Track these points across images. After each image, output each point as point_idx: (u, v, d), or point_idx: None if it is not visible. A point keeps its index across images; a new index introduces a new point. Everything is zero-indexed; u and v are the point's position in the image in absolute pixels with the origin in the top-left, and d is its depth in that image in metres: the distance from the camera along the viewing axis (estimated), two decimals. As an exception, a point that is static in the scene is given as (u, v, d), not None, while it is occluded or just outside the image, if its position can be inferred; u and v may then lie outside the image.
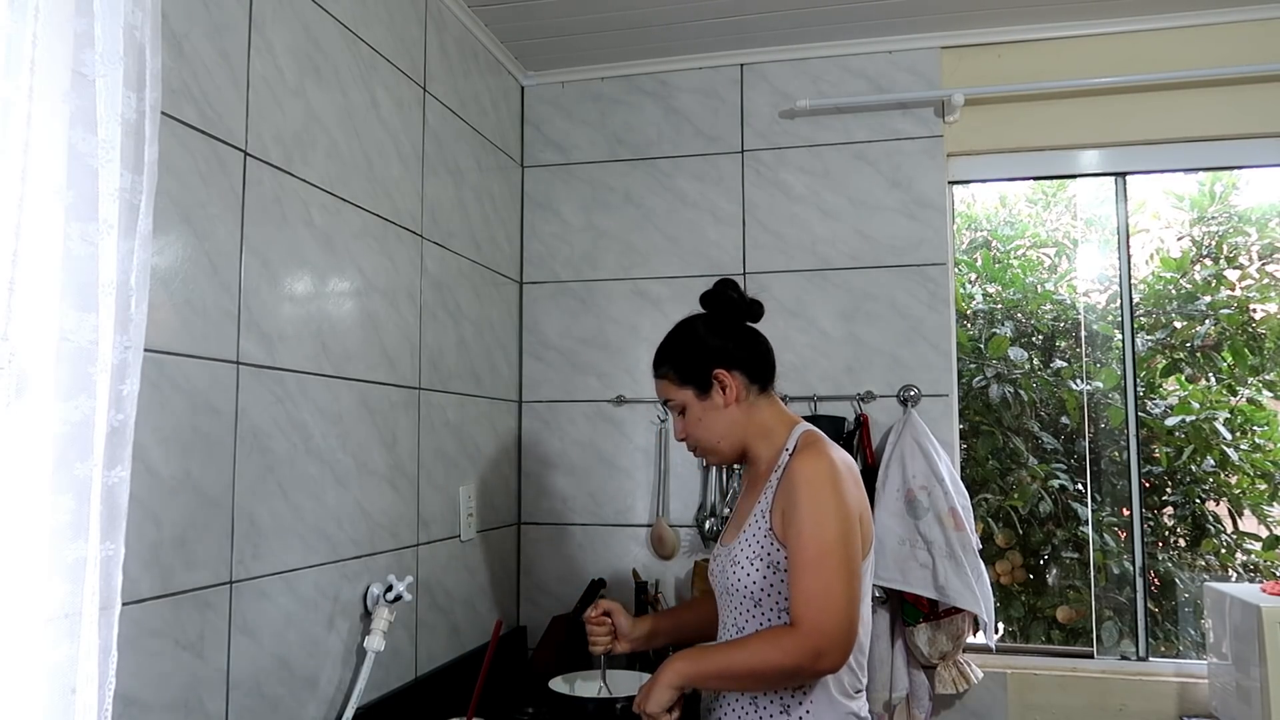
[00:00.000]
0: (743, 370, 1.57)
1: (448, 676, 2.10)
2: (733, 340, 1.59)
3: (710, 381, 1.56)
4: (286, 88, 1.63)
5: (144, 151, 0.96)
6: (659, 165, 2.68)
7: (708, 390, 1.57)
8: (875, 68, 2.55)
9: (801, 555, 1.38)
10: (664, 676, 1.44)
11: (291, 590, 1.61)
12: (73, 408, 0.88)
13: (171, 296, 1.34)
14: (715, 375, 1.56)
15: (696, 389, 1.58)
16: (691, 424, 1.60)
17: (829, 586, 1.35)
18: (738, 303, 1.62)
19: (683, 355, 1.60)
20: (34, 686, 0.85)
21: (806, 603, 1.35)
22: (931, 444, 2.32)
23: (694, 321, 1.64)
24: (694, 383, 1.58)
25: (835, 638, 1.34)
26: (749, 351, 1.59)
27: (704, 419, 1.58)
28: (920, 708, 2.31)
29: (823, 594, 1.35)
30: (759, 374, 1.59)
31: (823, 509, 1.39)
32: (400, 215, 2.02)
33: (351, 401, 1.82)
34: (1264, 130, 2.37)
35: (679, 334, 1.64)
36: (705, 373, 1.57)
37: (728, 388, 1.56)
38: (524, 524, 2.69)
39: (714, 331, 1.60)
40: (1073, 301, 2.95)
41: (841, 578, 1.37)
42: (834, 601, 1.35)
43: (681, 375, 1.59)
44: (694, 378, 1.57)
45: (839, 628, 1.35)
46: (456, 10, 2.30)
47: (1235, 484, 2.77)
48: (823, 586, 1.35)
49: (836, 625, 1.34)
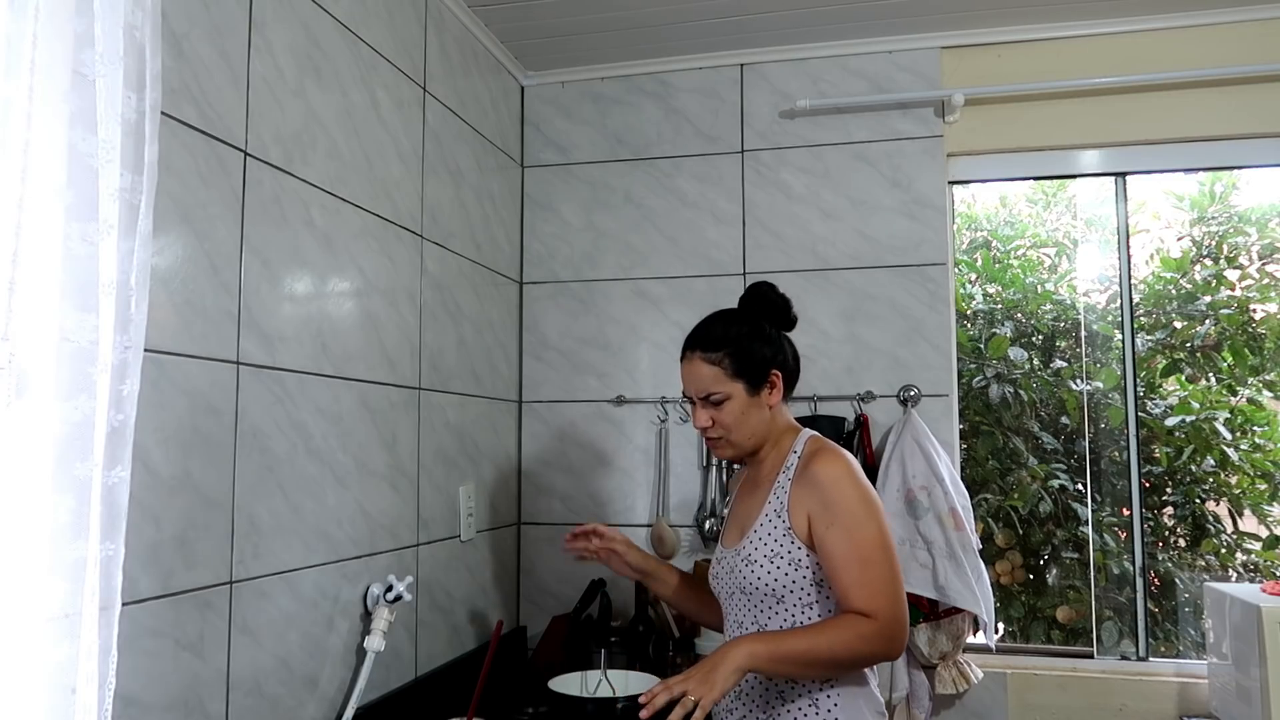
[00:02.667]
0: (786, 374, 1.60)
1: (448, 676, 2.10)
2: (783, 342, 1.62)
3: (765, 380, 1.57)
4: (286, 88, 1.63)
5: (144, 151, 0.96)
6: (659, 165, 2.68)
7: (759, 388, 1.57)
8: (875, 68, 2.55)
9: (855, 551, 1.43)
10: (733, 658, 1.34)
11: (291, 590, 1.61)
12: (73, 408, 0.88)
13: (171, 296, 1.34)
14: (773, 374, 1.57)
15: (749, 384, 1.56)
16: (729, 416, 1.56)
17: (890, 576, 1.43)
18: (781, 307, 1.63)
19: (747, 348, 1.56)
20: (34, 686, 0.85)
21: (875, 594, 1.41)
22: (931, 444, 2.32)
23: (756, 318, 1.61)
24: (748, 378, 1.56)
25: (904, 622, 1.44)
26: (794, 357, 1.64)
27: (746, 414, 1.57)
28: (920, 708, 2.31)
29: (889, 584, 1.43)
30: (793, 380, 1.64)
31: (863, 505, 1.46)
32: (400, 215, 2.02)
33: (351, 401, 1.82)
34: (1264, 130, 2.37)
35: (738, 322, 1.59)
36: (765, 371, 1.57)
37: (775, 389, 1.58)
38: (524, 524, 2.69)
39: (772, 329, 1.61)
40: (1073, 301, 2.95)
41: (894, 567, 1.45)
42: (898, 590, 1.44)
43: (738, 367, 1.55)
44: (751, 373, 1.56)
45: (905, 614, 1.45)
46: (456, 10, 2.30)
47: (1235, 484, 2.77)
48: (886, 577, 1.43)
49: (904, 612, 1.44)
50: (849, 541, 1.44)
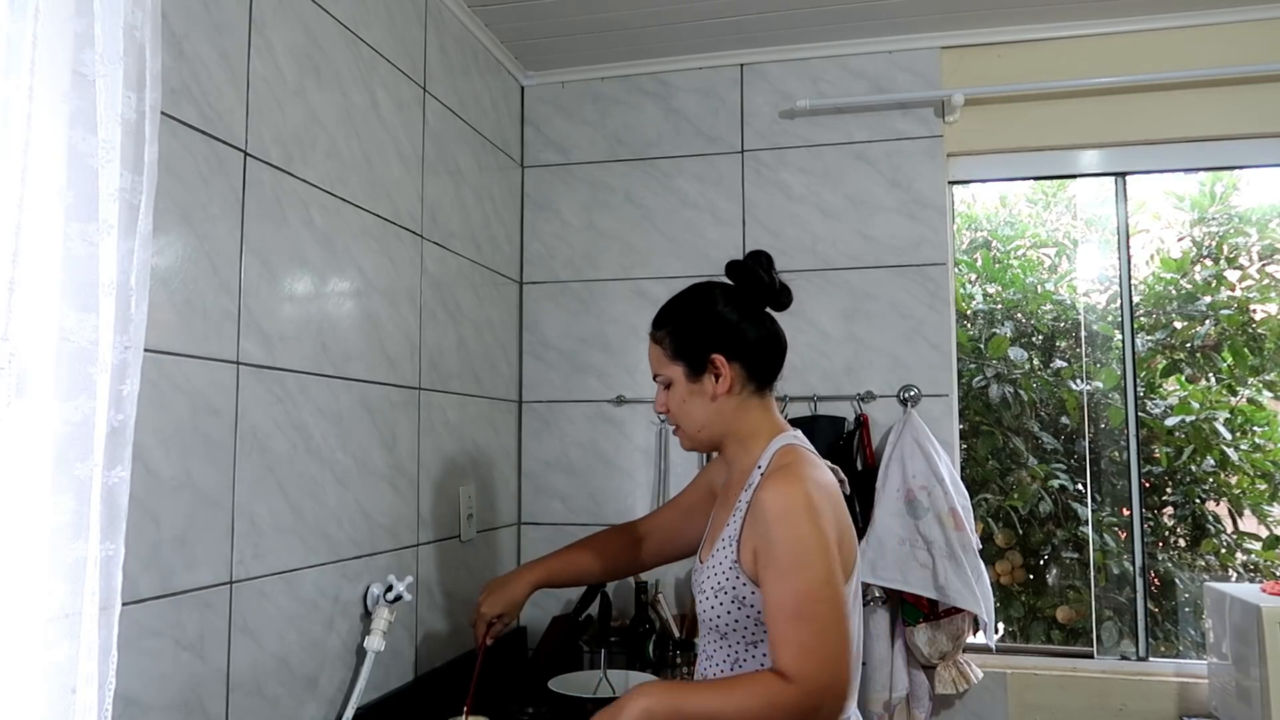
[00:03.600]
0: (744, 363, 1.39)
1: (448, 676, 2.10)
2: (746, 324, 1.40)
3: (705, 364, 1.39)
4: (286, 88, 1.63)
5: (144, 151, 0.96)
6: (659, 165, 2.68)
7: (700, 373, 1.40)
8: (875, 68, 2.55)
9: (787, 603, 1.23)
10: (629, 712, 1.24)
11: (291, 590, 1.61)
12: (73, 408, 0.88)
13: (171, 296, 1.34)
14: (712, 359, 1.38)
15: (688, 367, 1.40)
16: (674, 404, 1.43)
17: (821, 636, 1.22)
18: (766, 283, 1.41)
19: (684, 325, 1.41)
20: (34, 686, 0.85)
21: (799, 656, 1.21)
22: (931, 444, 2.32)
23: (711, 289, 1.45)
24: (687, 360, 1.40)
25: (834, 690, 1.22)
26: (759, 343, 1.41)
27: (687, 402, 1.41)
28: (920, 708, 2.31)
29: (817, 646, 1.21)
30: (761, 371, 1.42)
31: (802, 547, 1.24)
32: (400, 215, 2.02)
33: (351, 402, 1.82)
34: (1264, 130, 2.37)
35: (689, 298, 1.45)
36: (703, 354, 1.39)
37: (721, 377, 1.38)
38: (524, 524, 2.69)
39: (730, 308, 1.41)
40: (1073, 302, 2.95)
41: (833, 622, 1.23)
42: (828, 651, 1.21)
43: (676, 347, 1.41)
44: (689, 355, 1.40)
45: (836, 679, 1.22)
46: (456, 10, 2.30)
47: (1235, 484, 2.77)
48: (815, 637, 1.21)
49: (834, 677, 1.21)
50: (781, 588, 1.24)
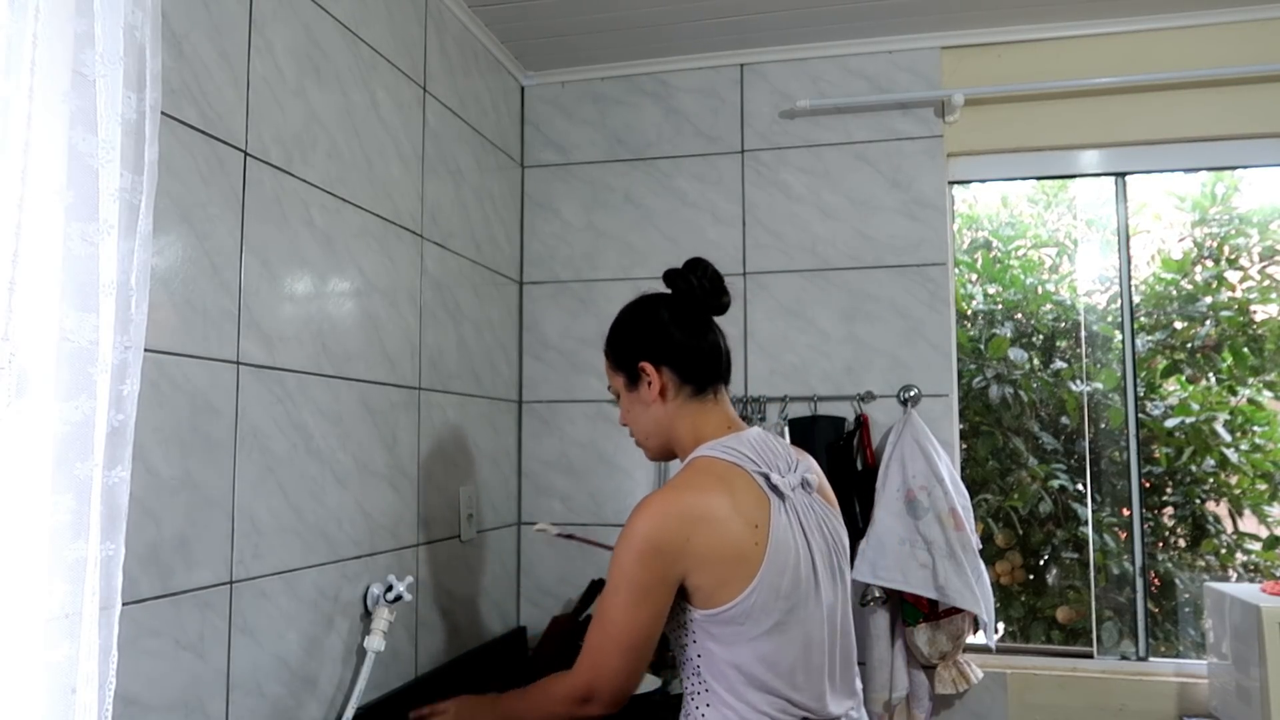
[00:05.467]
0: (673, 367, 1.45)
1: (448, 676, 2.10)
2: (676, 331, 1.46)
3: (637, 373, 1.47)
4: (286, 88, 1.63)
5: (144, 151, 0.96)
6: (659, 165, 2.68)
7: (636, 382, 1.48)
8: (875, 68, 2.55)
9: (597, 607, 1.39)
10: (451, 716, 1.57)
11: (291, 590, 1.61)
12: (73, 408, 0.88)
13: (171, 296, 1.34)
14: (641, 367, 1.46)
15: (626, 377, 1.50)
16: (623, 413, 1.53)
17: (601, 645, 1.35)
18: (694, 290, 1.47)
19: (616, 339, 1.52)
20: (34, 686, 0.85)
21: (585, 654, 1.37)
22: (931, 444, 2.32)
23: (643, 301, 1.53)
24: (624, 370, 1.50)
25: (604, 699, 1.36)
26: (685, 348, 1.45)
27: (631, 411, 1.51)
28: (920, 708, 2.31)
29: (598, 651, 1.36)
30: (693, 374, 1.46)
31: (617, 565, 1.33)
32: (400, 215, 2.02)
33: (351, 401, 1.82)
34: (1264, 130, 2.37)
35: (624, 312, 1.55)
36: (632, 362, 1.48)
37: (651, 383, 1.45)
38: (524, 524, 2.69)
39: (656, 318, 1.48)
40: (1073, 302, 2.95)
41: (614, 640, 1.34)
42: (605, 662, 1.35)
43: (614, 360, 1.52)
44: (624, 365, 1.50)
45: (608, 690, 1.36)
46: (456, 10, 2.30)
47: (1235, 484, 2.77)
48: (597, 643, 1.36)
49: (608, 688, 1.35)
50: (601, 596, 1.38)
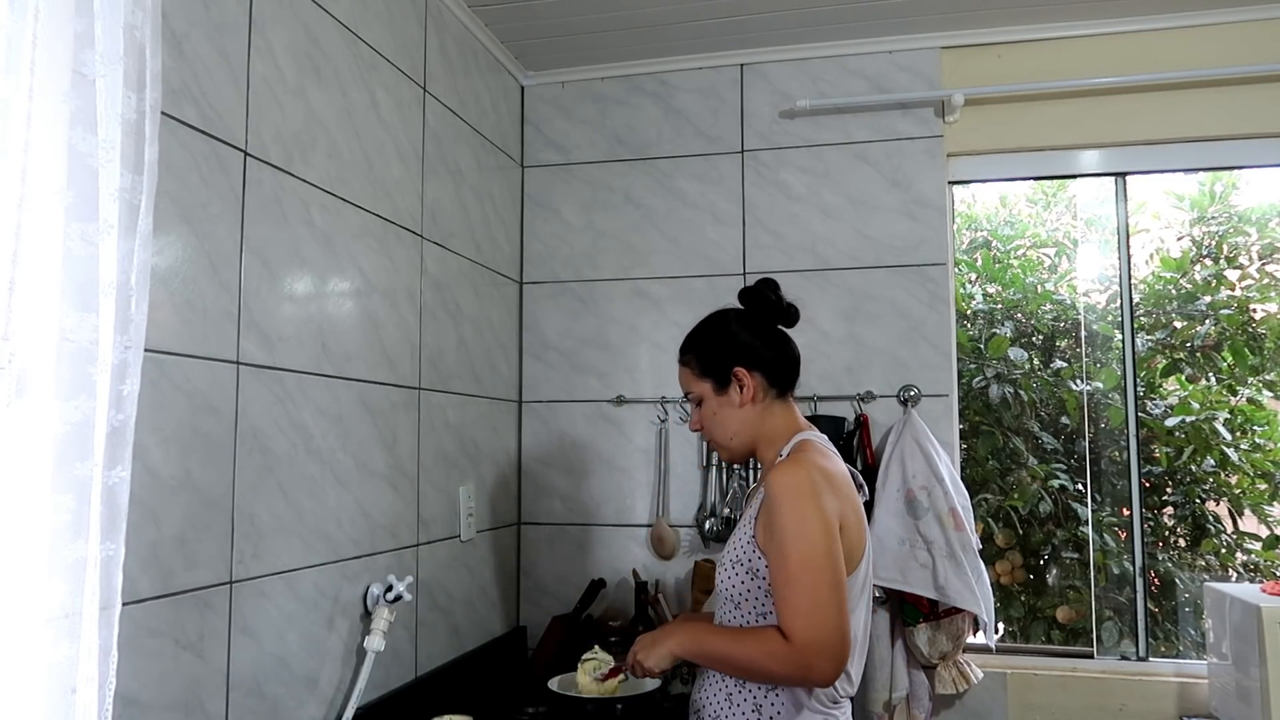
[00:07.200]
0: (764, 372, 1.58)
1: (448, 676, 2.10)
2: (760, 340, 1.59)
3: (729, 377, 1.57)
4: (286, 88, 1.63)
5: (144, 151, 0.96)
6: (659, 165, 2.68)
7: (725, 386, 1.58)
8: (875, 68, 2.55)
9: (785, 568, 1.38)
10: (669, 644, 1.51)
11: (291, 590, 1.61)
12: (73, 408, 0.88)
13: (171, 296, 1.34)
14: (735, 372, 1.57)
15: (715, 382, 1.59)
16: (706, 417, 1.61)
17: (816, 600, 1.35)
18: (775, 304, 1.61)
19: (707, 347, 1.61)
20: (34, 686, 0.85)
21: (794, 616, 1.35)
22: (931, 444, 2.32)
23: (726, 314, 1.64)
24: (713, 376, 1.59)
25: (826, 652, 1.34)
26: (775, 354, 1.59)
27: (718, 414, 1.60)
28: (920, 708, 2.31)
29: (810, 608, 1.35)
30: (780, 378, 1.60)
31: (802, 520, 1.39)
32: (400, 215, 2.02)
33: (351, 401, 1.82)
34: (1264, 130, 2.37)
35: (708, 324, 1.65)
36: (726, 368, 1.57)
37: (745, 386, 1.56)
38: (524, 524, 2.69)
39: (744, 328, 1.60)
40: (1073, 301, 2.95)
41: (825, 588, 1.36)
42: (822, 615, 1.35)
43: (703, 366, 1.60)
44: (714, 371, 1.59)
45: (829, 642, 1.34)
46: (456, 10, 2.30)
47: (1235, 484, 2.77)
48: (809, 600, 1.35)
49: (827, 640, 1.34)
50: (780, 557, 1.39)
